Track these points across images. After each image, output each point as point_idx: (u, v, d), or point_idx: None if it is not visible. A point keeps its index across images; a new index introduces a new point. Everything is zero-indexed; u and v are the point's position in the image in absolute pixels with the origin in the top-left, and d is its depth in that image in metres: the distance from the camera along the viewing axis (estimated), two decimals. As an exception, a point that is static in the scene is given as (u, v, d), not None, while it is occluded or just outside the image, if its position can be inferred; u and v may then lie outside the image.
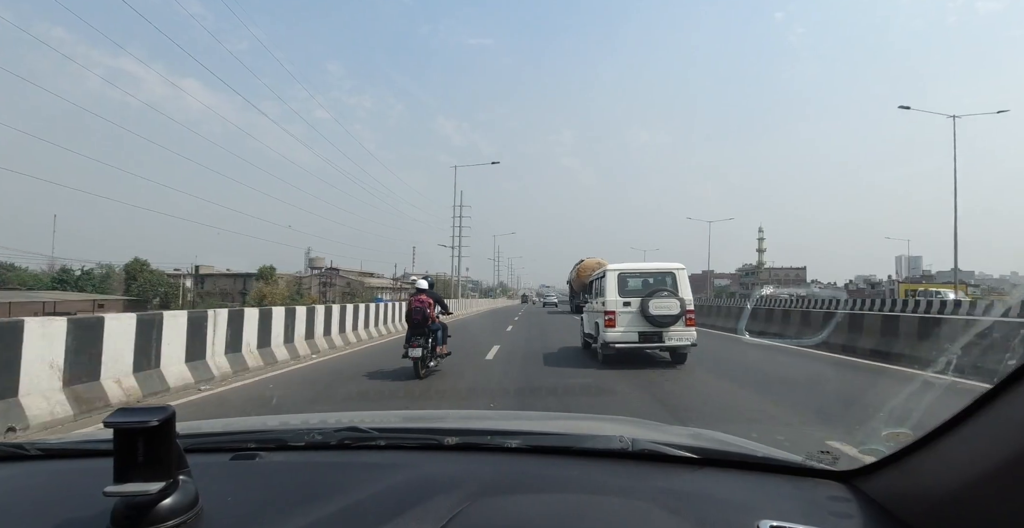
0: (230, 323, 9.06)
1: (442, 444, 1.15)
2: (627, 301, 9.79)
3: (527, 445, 1.14)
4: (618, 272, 10.10)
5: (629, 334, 9.69)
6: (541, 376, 8.52)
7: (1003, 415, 0.65)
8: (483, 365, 9.95)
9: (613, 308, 9.78)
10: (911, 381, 6.00)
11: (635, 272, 10.31)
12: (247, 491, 0.93)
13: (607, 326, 9.76)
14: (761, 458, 1.08)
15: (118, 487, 0.70)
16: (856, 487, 0.93)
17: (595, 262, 31.15)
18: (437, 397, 6.89)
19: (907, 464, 0.82)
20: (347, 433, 1.19)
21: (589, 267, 30.83)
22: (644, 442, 1.09)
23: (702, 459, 1.06)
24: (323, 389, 7.71)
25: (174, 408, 0.74)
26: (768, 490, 0.97)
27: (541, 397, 6.79)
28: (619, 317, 9.75)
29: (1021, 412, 0.62)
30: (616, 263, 10.50)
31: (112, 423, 0.69)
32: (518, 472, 1.03)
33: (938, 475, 0.74)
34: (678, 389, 7.42)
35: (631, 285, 10.28)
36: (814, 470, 1.02)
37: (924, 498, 0.76)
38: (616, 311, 9.76)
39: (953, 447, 0.72)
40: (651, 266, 10.50)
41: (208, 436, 1.28)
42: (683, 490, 0.95)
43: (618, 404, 6.18)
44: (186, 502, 0.74)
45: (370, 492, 0.89)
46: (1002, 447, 0.63)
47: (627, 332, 9.70)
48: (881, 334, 10.88)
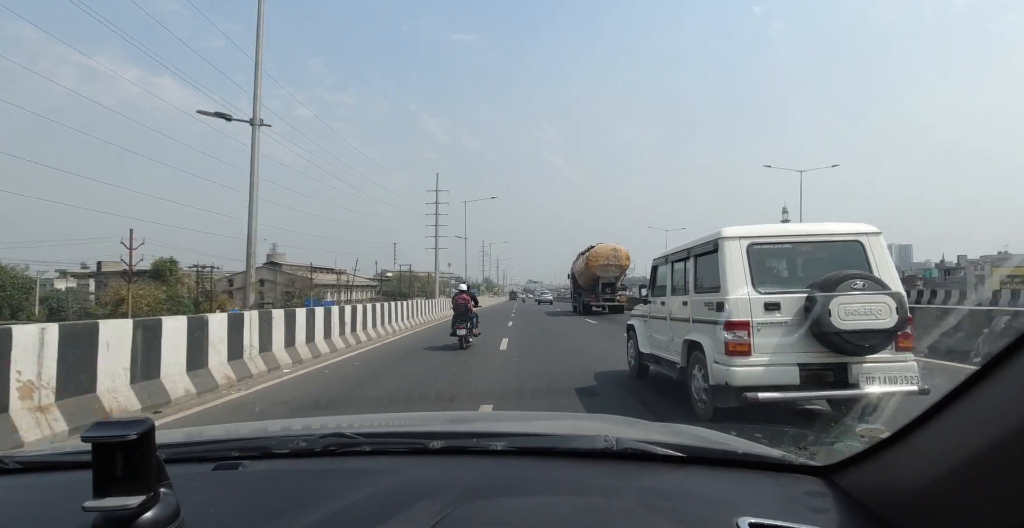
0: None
1: (427, 448, 1.15)
2: (773, 301, 4.71)
3: (512, 447, 1.14)
4: (749, 241, 4.96)
5: (783, 371, 4.61)
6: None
7: (974, 409, 0.66)
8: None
9: (743, 316, 4.69)
10: None
11: (784, 240, 5.11)
12: (230, 501, 0.92)
13: (732, 353, 4.67)
14: (742, 455, 1.09)
15: (97, 502, 0.67)
16: (834, 482, 0.94)
17: (610, 248, 26.07)
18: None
19: (883, 458, 0.83)
20: (332, 439, 1.19)
21: (603, 255, 25.75)
22: (628, 441, 1.10)
23: (685, 457, 1.06)
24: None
25: (153, 421, 0.71)
26: (748, 486, 0.97)
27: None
28: (760, 334, 4.67)
29: (991, 405, 0.63)
30: (734, 227, 5.10)
31: (90, 437, 0.67)
32: (503, 475, 1.04)
33: (913, 469, 0.75)
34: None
35: (777, 267, 5.19)
36: (793, 466, 1.02)
37: (900, 492, 0.77)
38: (752, 321, 4.68)
39: (927, 441, 0.73)
40: (811, 229, 5.18)
41: (189, 446, 1.27)
42: (666, 488, 0.96)
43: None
44: (167, 515, 0.71)
45: (355, 499, 0.90)
46: (974, 440, 0.64)
47: (778, 366, 4.62)
48: None
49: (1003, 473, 0.60)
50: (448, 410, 5.80)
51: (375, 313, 16.24)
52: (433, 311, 26.40)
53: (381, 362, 10.47)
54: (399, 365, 10.00)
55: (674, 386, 6.17)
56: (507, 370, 8.76)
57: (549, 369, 8.77)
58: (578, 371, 8.30)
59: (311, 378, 8.66)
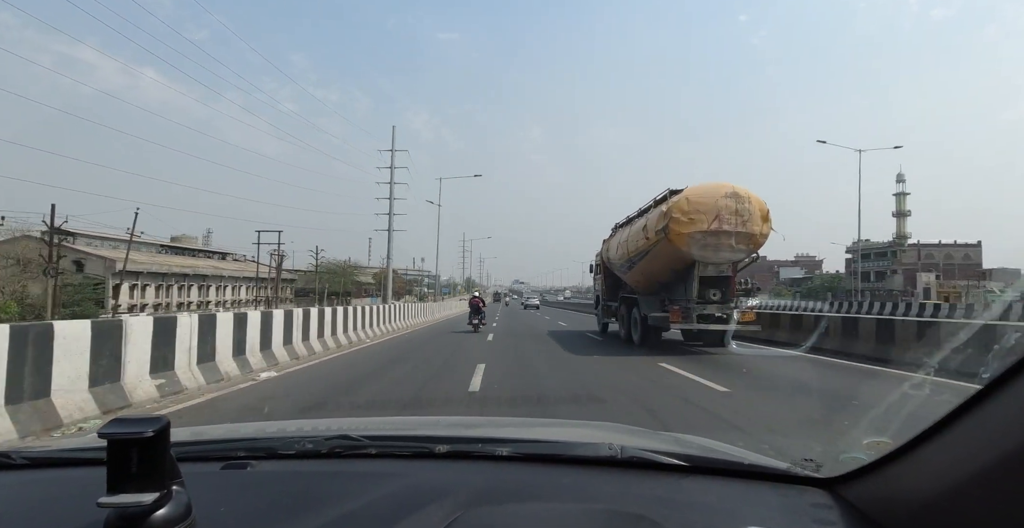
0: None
1: (433, 452, 1.14)
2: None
3: (518, 453, 1.14)
4: None
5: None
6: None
7: (980, 425, 0.66)
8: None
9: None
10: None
11: None
12: (239, 501, 0.92)
13: None
14: (747, 466, 1.08)
15: (111, 498, 0.68)
16: (839, 494, 0.93)
17: (726, 192, 10.77)
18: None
19: (888, 471, 0.82)
20: (338, 441, 1.19)
21: (708, 207, 10.54)
22: (632, 449, 1.09)
23: (690, 466, 1.06)
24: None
25: (168, 419, 0.72)
26: (753, 497, 0.97)
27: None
28: None
29: (997, 422, 0.63)
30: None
31: (107, 434, 0.68)
32: (509, 480, 1.04)
33: (919, 483, 0.75)
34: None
35: None
36: (798, 477, 1.02)
37: (905, 505, 0.77)
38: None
39: (933, 455, 0.73)
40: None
41: (198, 444, 1.28)
42: (670, 497, 0.95)
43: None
44: (179, 513, 0.72)
45: (362, 502, 0.90)
46: (980, 456, 0.64)
47: None
48: None
49: (1008, 489, 0.60)
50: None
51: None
52: (387, 322, 18.11)
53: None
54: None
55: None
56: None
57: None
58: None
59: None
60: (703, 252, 10.66)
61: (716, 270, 11.01)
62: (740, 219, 10.57)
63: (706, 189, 10.82)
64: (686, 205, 10.62)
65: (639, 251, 12.26)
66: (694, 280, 10.93)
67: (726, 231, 10.52)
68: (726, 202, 10.58)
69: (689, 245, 10.59)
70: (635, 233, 12.63)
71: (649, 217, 11.89)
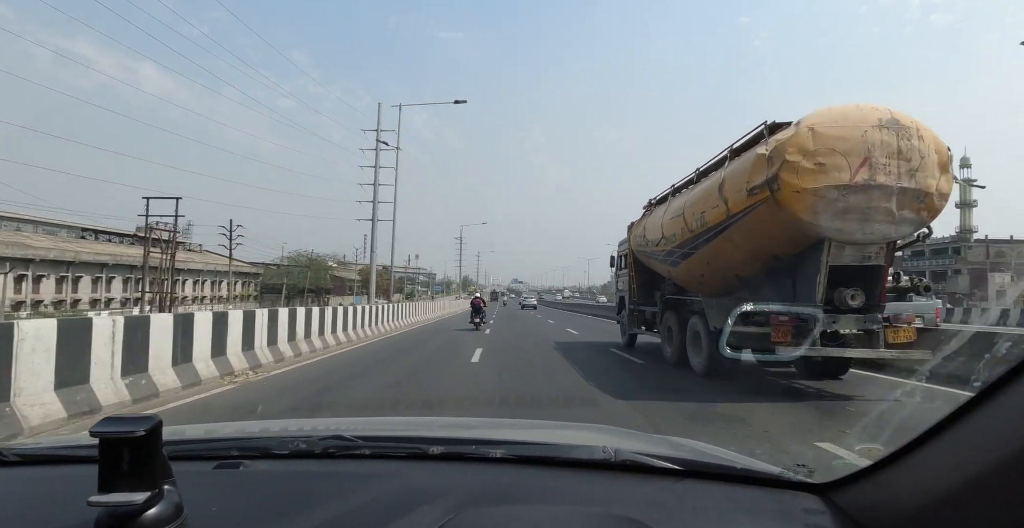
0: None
1: (427, 453, 1.14)
2: None
3: (512, 455, 1.14)
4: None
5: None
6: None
7: (973, 432, 0.66)
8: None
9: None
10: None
11: None
12: (231, 501, 0.91)
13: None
14: (740, 470, 1.08)
15: (103, 497, 0.67)
16: (831, 500, 0.93)
17: (886, 113, 6.21)
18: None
19: (881, 478, 0.82)
20: (331, 442, 1.18)
21: (856, 148, 5.94)
22: (626, 453, 1.09)
23: (683, 470, 1.05)
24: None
25: (160, 418, 0.71)
26: (746, 502, 0.96)
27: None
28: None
29: (990, 429, 0.63)
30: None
31: (98, 433, 0.67)
32: (503, 482, 1.04)
33: (911, 489, 0.74)
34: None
35: None
36: (791, 482, 1.02)
37: (896, 512, 0.76)
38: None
39: (925, 462, 0.73)
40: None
41: (191, 443, 1.28)
42: (663, 501, 0.95)
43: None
44: (170, 512, 0.72)
45: (355, 502, 0.89)
46: (973, 463, 0.63)
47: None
48: None
49: (1001, 497, 0.60)
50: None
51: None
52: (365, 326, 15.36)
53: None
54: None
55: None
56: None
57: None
58: None
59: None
60: (841, 223, 6.13)
61: (858, 255, 6.45)
62: (906, 165, 6.05)
63: (845, 113, 6.23)
64: (811, 141, 6.07)
65: (708, 227, 7.70)
66: (820, 272, 6.39)
67: (883, 186, 6.02)
68: (881, 136, 6.06)
69: (815, 210, 6.07)
70: (698, 200, 8.07)
71: (731, 170, 7.26)
